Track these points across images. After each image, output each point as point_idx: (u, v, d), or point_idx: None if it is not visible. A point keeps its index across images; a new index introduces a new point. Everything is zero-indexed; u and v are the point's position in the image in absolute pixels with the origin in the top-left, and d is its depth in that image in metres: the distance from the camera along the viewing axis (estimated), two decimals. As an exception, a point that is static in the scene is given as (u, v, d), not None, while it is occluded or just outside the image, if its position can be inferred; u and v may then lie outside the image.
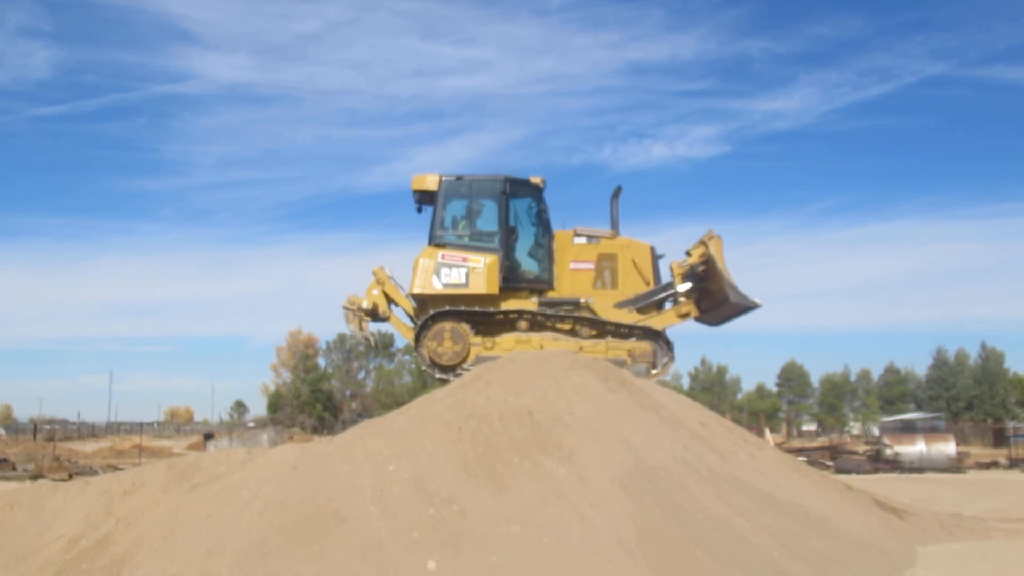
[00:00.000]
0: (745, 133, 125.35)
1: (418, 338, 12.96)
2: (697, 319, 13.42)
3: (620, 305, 13.08)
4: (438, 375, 12.88)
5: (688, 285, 13.10)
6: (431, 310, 12.89)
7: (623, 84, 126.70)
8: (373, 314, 13.60)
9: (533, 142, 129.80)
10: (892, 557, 8.31)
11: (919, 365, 76.78)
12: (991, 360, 66.00)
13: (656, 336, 13.05)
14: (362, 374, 66.12)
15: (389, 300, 13.69)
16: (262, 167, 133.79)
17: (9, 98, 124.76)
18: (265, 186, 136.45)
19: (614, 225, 13.55)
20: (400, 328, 14.05)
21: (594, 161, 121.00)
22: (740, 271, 12.95)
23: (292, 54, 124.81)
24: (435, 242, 13.00)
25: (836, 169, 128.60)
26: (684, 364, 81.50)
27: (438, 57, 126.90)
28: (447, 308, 12.76)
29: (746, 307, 12.57)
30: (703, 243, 12.78)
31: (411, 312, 13.80)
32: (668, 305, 13.43)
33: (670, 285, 13.23)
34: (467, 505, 6.97)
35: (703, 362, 76.31)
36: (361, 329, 13.57)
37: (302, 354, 65.81)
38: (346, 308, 13.51)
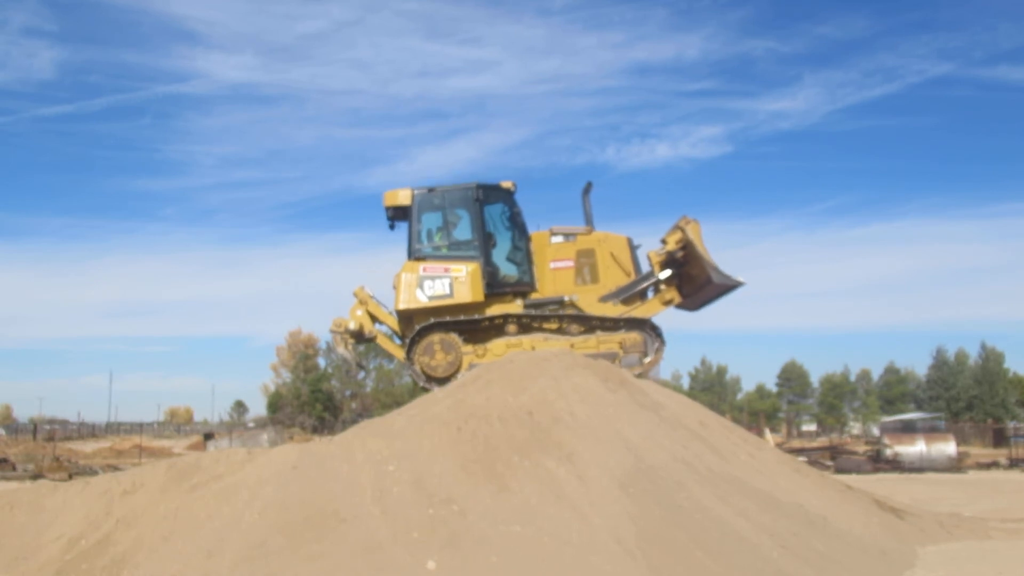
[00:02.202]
0: (749, 133, 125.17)
1: (408, 354, 12.98)
2: (679, 305, 13.47)
3: (604, 299, 13.13)
4: (435, 388, 12.90)
5: (668, 272, 13.15)
6: (416, 325, 12.88)
7: (627, 84, 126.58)
8: (359, 335, 13.63)
9: (537, 142, 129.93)
10: (892, 557, 8.31)
11: (919, 365, 76.83)
12: (991, 360, 65.98)
13: (643, 325, 13.11)
14: (362, 374, 66.12)
15: (373, 319, 13.72)
16: (265, 167, 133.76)
17: (13, 98, 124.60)
18: (268, 186, 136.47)
19: (588, 221, 13.60)
20: (388, 346, 14.11)
21: (598, 161, 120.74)
22: (742, 271, 12.95)
23: (296, 54, 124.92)
24: (414, 256, 13.00)
25: (839, 169, 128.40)
26: (684, 364, 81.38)
27: (442, 57, 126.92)
28: (433, 321, 12.78)
29: (729, 286, 12.61)
30: (679, 228, 12.80)
31: (396, 329, 13.82)
32: (651, 294, 13.49)
33: (651, 274, 13.27)
34: (467, 505, 6.97)
35: (703, 362, 76.40)
36: (348, 350, 13.62)
37: (302, 354, 65.72)
38: (333, 332, 13.58)
